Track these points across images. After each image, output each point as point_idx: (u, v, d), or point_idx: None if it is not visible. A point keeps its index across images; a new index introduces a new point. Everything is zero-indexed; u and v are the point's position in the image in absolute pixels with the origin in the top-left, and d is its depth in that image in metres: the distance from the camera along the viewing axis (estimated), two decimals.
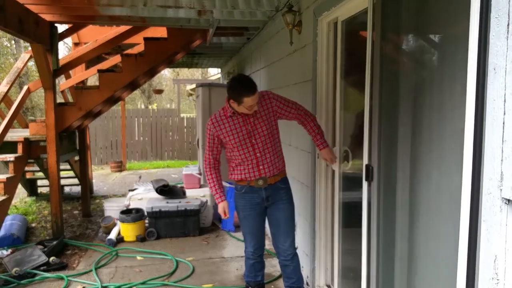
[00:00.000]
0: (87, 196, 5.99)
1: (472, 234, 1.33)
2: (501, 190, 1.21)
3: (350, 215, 2.81)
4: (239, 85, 2.53)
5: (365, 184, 2.15)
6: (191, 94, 15.16)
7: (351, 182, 2.80)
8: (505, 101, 1.19)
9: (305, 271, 3.34)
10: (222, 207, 2.74)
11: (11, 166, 4.28)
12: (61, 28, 4.91)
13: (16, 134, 4.81)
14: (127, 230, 4.68)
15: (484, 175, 1.27)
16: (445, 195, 1.68)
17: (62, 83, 6.31)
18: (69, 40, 11.14)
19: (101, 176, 9.54)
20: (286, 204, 2.76)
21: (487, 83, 1.26)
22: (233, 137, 2.64)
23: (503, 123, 1.19)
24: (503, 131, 1.19)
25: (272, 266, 3.80)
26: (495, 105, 1.22)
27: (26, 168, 6.10)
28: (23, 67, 4.83)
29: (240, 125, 2.64)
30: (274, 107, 2.68)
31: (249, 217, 2.76)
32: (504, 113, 1.19)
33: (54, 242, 4.28)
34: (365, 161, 2.13)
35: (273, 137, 2.69)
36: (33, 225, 5.45)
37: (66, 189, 7.53)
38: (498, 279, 1.24)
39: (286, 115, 2.74)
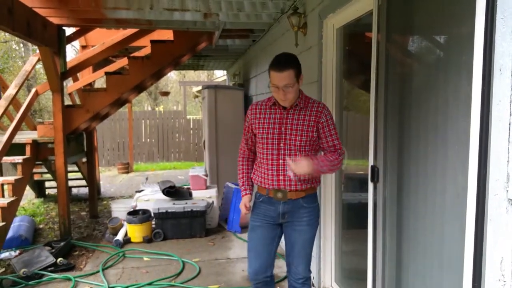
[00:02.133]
0: (95, 197, 6.03)
1: (478, 235, 1.33)
2: (507, 191, 1.21)
3: (356, 216, 2.80)
4: (274, 57, 2.24)
5: (370, 185, 2.15)
6: (197, 96, 15.20)
7: (358, 183, 2.80)
8: (511, 102, 1.18)
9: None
10: (243, 201, 2.41)
11: (19, 167, 4.33)
12: (69, 31, 4.96)
13: (24, 136, 4.86)
14: (134, 231, 4.71)
15: (490, 176, 1.27)
16: (451, 196, 1.67)
17: (69, 85, 6.37)
18: (76, 43, 11.25)
19: (108, 178, 9.61)
20: (305, 226, 2.33)
21: (492, 84, 1.25)
22: (263, 129, 2.30)
23: (509, 124, 1.19)
24: (509, 132, 1.19)
25: (278, 267, 3.80)
26: (500, 106, 1.22)
27: (34, 170, 6.17)
28: (31, 70, 4.87)
29: (275, 118, 2.28)
30: (321, 122, 2.24)
31: (257, 230, 2.40)
32: (510, 114, 1.18)
33: (62, 243, 4.31)
34: (371, 162, 2.13)
35: (305, 150, 2.25)
36: (41, 226, 5.50)
37: (74, 190, 7.59)
38: (505, 281, 1.23)
39: (321, 138, 2.29)
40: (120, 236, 4.67)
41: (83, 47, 6.55)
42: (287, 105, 2.25)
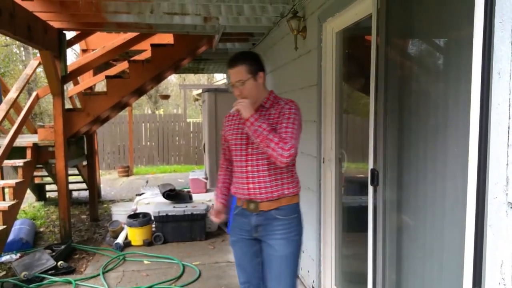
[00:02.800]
0: (95, 200, 6.04)
1: (478, 238, 1.33)
2: (507, 194, 1.21)
3: (356, 219, 2.80)
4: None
5: (370, 189, 2.15)
6: (197, 99, 15.23)
7: (358, 186, 2.80)
8: (510, 105, 1.19)
9: (311, 276, 3.33)
10: (213, 209, 2.34)
11: (20, 171, 4.33)
12: (69, 35, 4.98)
13: (25, 140, 4.87)
14: (134, 235, 4.71)
15: (489, 179, 1.27)
16: (451, 199, 1.68)
17: (70, 89, 6.38)
18: (77, 47, 11.27)
19: (109, 181, 9.61)
20: (280, 240, 2.09)
21: (491, 88, 1.26)
22: (232, 135, 2.22)
23: (508, 127, 1.19)
24: (508, 136, 1.19)
25: None
26: (499, 109, 1.23)
27: (35, 173, 6.17)
28: (32, 73, 4.89)
29: (244, 123, 2.13)
30: (281, 117, 2.07)
31: (235, 245, 2.27)
32: (509, 118, 1.19)
33: (62, 247, 4.31)
34: (371, 165, 2.13)
35: None
36: (42, 229, 5.50)
37: (74, 193, 7.59)
38: (505, 284, 1.23)
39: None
40: (120, 239, 4.67)
41: (84, 51, 6.58)
42: (246, 103, 2.06)
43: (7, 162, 4.26)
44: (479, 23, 1.30)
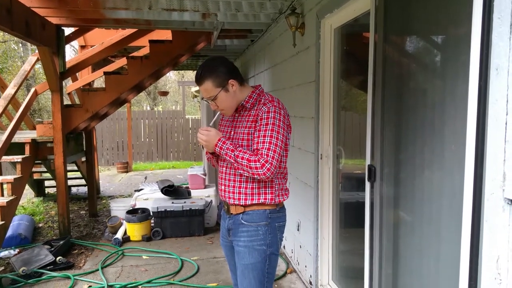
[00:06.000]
0: (94, 196, 6.04)
1: (474, 234, 1.34)
2: (503, 190, 1.22)
3: (353, 215, 2.81)
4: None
5: (367, 184, 2.16)
6: (196, 96, 15.20)
7: (355, 182, 2.81)
8: (507, 101, 1.19)
9: (308, 271, 3.35)
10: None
11: (18, 167, 4.33)
12: (68, 31, 4.96)
13: (24, 136, 4.86)
14: (133, 230, 4.72)
15: (486, 175, 1.28)
16: (448, 195, 1.68)
17: (69, 85, 6.37)
18: (75, 43, 11.24)
19: (108, 177, 9.61)
20: (242, 248, 1.97)
21: (489, 84, 1.26)
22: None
23: (506, 123, 1.20)
24: (505, 132, 1.20)
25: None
26: (497, 105, 1.23)
27: (34, 169, 6.17)
28: (30, 69, 4.87)
29: (228, 122, 2.08)
30: (257, 120, 1.91)
31: (222, 247, 2.23)
32: (507, 114, 1.19)
33: (61, 242, 4.32)
34: (368, 161, 2.14)
35: None
36: (40, 225, 5.50)
37: (73, 189, 7.59)
38: (501, 279, 1.24)
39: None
40: (119, 235, 4.68)
41: (82, 47, 6.56)
42: (228, 114, 2.01)
43: (6, 158, 4.26)
44: (477, 18, 1.31)
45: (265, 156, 1.81)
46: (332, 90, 2.95)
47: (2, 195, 4.14)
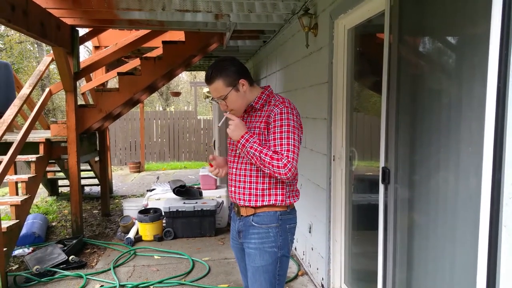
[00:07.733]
0: (107, 196, 6.10)
1: (492, 239, 1.30)
2: None
3: (366, 217, 2.78)
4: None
5: (381, 187, 2.13)
6: (208, 97, 15.26)
7: (368, 184, 2.78)
8: None
9: (320, 273, 3.32)
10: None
11: (32, 166, 4.40)
12: (82, 31, 5.02)
13: (38, 135, 4.93)
14: (145, 230, 4.75)
15: (505, 180, 1.25)
16: (464, 198, 1.65)
17: (83, 85, 6.45)
18: (89, 44, 11.39)
19: (120, 177, 9.70)
20: (253, 250, 1.95)
21: (508, 85, 1.23)
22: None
23: None
24: None
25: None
26: None
27: (48, 168, 6.26)
28: (45, 70, 4.94)
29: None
30: (270, 122, 1.89)
31: (232, 249, 2.20)
32: None
33: (74, 241, 4.37)
34: (382, 163, 2.11)
35: None
36: (54, 224, 5.58)
37: (86, 189, 7.68)
38: None
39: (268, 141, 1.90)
40: (131, 234, 4.71)
41: (96, 47, 6.64)
42: (238, 114, 1.99)
43: (20, 157, 4.32)
44: (496, 18, 1.27)
45: (286, 157, 1.79)
46: (345, 91, 2.92)
47: (17, 194, 4.20)
